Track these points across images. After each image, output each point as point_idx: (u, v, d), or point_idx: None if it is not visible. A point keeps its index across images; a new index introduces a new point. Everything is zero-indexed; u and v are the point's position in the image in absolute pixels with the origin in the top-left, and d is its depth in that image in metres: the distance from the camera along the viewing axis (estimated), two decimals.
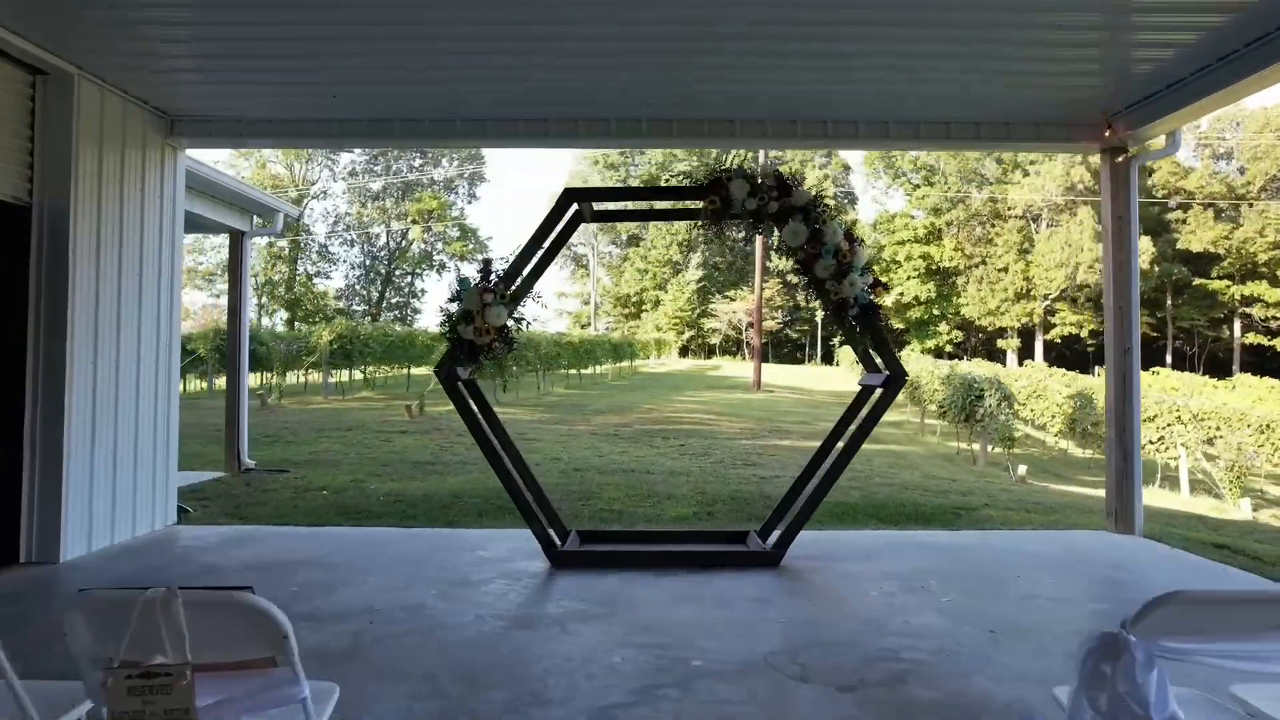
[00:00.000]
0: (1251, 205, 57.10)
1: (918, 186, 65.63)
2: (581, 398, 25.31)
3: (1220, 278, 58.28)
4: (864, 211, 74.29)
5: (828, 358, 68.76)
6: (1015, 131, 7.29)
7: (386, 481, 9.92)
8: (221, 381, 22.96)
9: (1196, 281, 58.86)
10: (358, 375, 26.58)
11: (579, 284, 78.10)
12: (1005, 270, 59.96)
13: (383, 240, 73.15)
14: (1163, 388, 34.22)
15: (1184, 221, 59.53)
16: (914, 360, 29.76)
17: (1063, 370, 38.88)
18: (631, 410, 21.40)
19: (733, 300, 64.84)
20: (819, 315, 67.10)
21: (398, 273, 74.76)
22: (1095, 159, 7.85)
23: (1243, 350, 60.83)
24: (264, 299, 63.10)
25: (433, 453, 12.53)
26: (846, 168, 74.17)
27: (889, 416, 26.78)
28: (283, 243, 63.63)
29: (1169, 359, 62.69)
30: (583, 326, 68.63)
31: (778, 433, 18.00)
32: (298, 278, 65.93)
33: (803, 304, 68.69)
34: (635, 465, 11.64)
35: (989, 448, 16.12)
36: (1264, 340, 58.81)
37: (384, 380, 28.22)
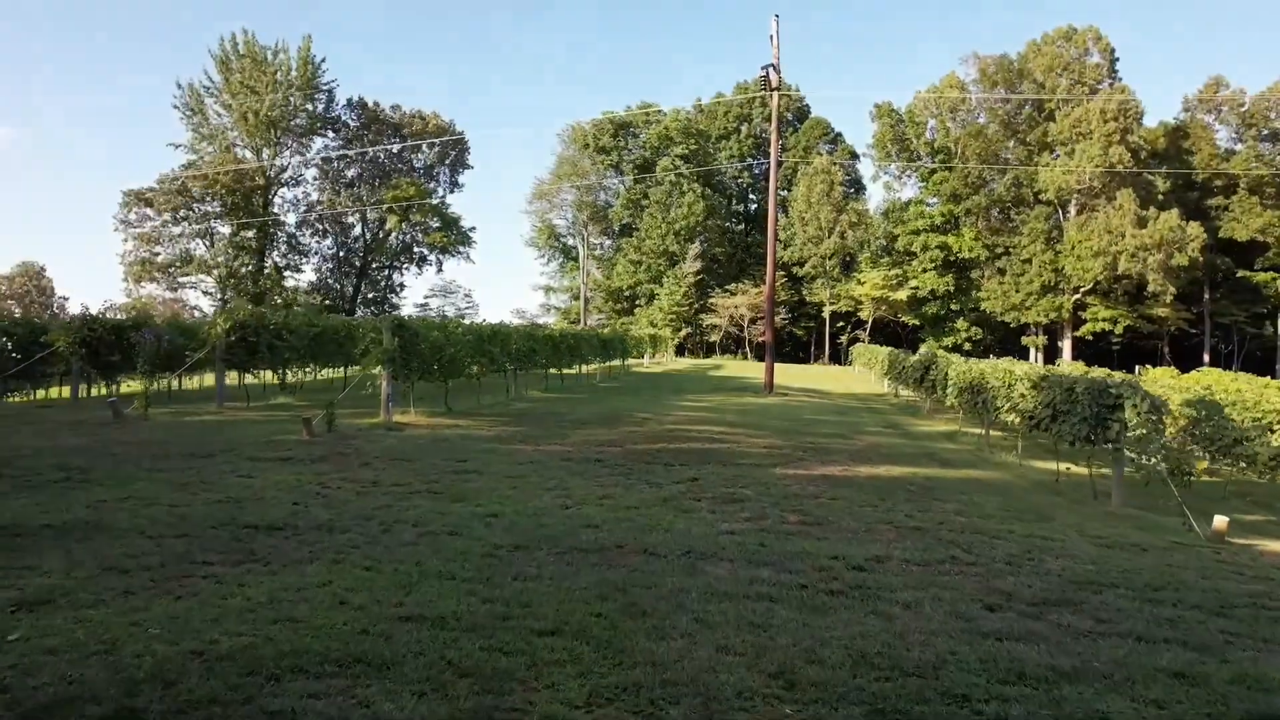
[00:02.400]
0: None
1: (934, 171, 60.90)
2: (560, 404, 20.40)
3: (1266, 269, 53.67)
4: (873, 200, 69.69)
5: (835, 356, 64.01)
6: None
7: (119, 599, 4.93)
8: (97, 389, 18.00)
9: (1240, 273, 54.29)
10: (294, 377, 21.68)
11: (568, 277, 73.24)
12: (1030, 261, 55.23)
13: (357, 230, 68.09)
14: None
15: (1226, 208, 54.91)
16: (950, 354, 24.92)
17: (1171, 370, 34.26)
18: (621, 420, 16.52)
19: (733, 294, 60.07)
20: (826, 311, 62.66)
21: (374, 265, 69.79)
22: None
23: None
24: (228, 292, 58.04)
25: (299, 501, 7.64)
26: (854, 155, 69.38)
27: (933, 426, 22.06)
28: (249, 233, 58.61)
29: (1205, 357, 58.10)
30: (572, 323, 63.70)
31: (819, 454, 13.21)
32: (265, 270, 60.84)
33: (809, 299, 63.95)
34: (623, 533, 6.76)
35: (1121, 479, 11.34)
36: None
37: (318, 383, 23.31)
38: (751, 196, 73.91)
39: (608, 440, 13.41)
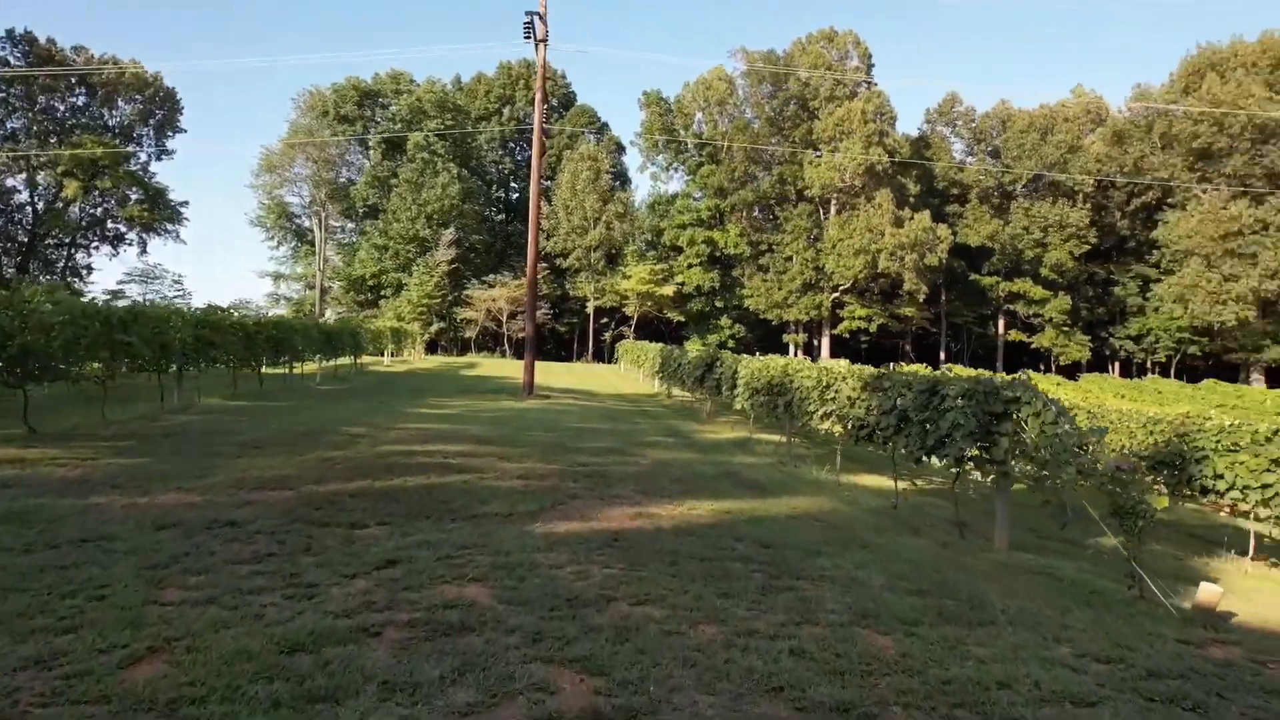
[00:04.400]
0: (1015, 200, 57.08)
1: (701, 164, 59.86)
2: (242, 416, 14.76)
3: (991, 274, 57.91)
4: (640, 192, 67.86)
5: (599, 354, 61.18)
6: None
7: None
8: None
9: (972, 277, 58.18)
10: None
11: (302, 264, 64.31)
12: (792, 259, 55.60)
13: (23, 197, 55.17)
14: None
15: (961, 215, 58.66)
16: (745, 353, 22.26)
17: (924, 366, 34.00)
18: (319, 441, 11.47)
19: (492, 286, 55.25)
20: (591, 306, 59.57)
21: (49, 243, 57.09)
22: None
23: (1005, 348, 61.27)
24: None
25: None
26: (620, 146, 67.06)
27: (720, 433, 18.95)
28: None
29: (942, 354, 61.98)
30: (305, 315, 55.56)
31: (597, 484, 9.27)
32: None
33: (572, 293, 60.58)
34: None
35: (1007, 512, 8.35)
36: (1024, 337, 59.33)
37: None
38: (514, 184, 69.38)
39: (277, 478, 8.46)
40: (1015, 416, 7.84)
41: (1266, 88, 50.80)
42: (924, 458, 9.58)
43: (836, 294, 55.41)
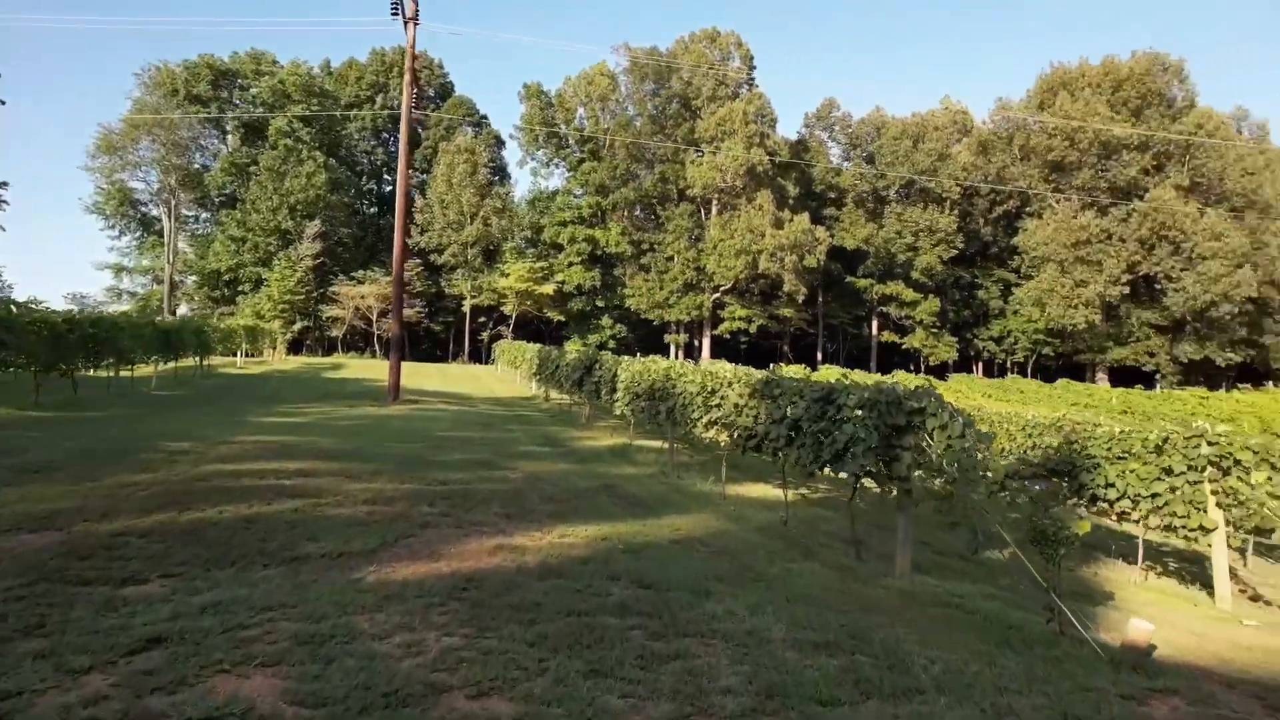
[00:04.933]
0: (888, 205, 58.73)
1: (582, 160, 58.70)
2: (33, 429, 12.58)
3: (866, 276, 59.40)
4: (520, 188, 66.05)
5: (476, 355, 59.10)
6: None
7: None
8: None
9: (848, 279, 59.49)
10: None
11: (148, 256, 59.06)
12: (673, 259, 55.27)
13: None
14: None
15: (838, 219, 59.91)
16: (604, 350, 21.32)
17: (803, 368, 33.84)
18: (129, 459, 9.68)
19: (361, 283, 52.32)
20: (467, 305, 57.33)
21: None
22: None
23: (878, 349, 63.05)
24: None
25: None
26: (500, 140, 65.07)
27: (599, 439, 17.89)
28: None
29: (819, 355, 63.18)
30: (153, 311, 50.96)
31: (455, 508, 8.06)
32: None
33: (448, 291, 58.23)
34: None
35: (910, 534, 7.63)
36: (896, 338, 61.20)
37: None
38: (386, 176, 66.18)
39: (46, 514, 6.80)
40: (919, 429, 7.11)
41: (1109, 107, 54.23)
42: (819, 471, 8.83)
43: (717, 294, 55.49)
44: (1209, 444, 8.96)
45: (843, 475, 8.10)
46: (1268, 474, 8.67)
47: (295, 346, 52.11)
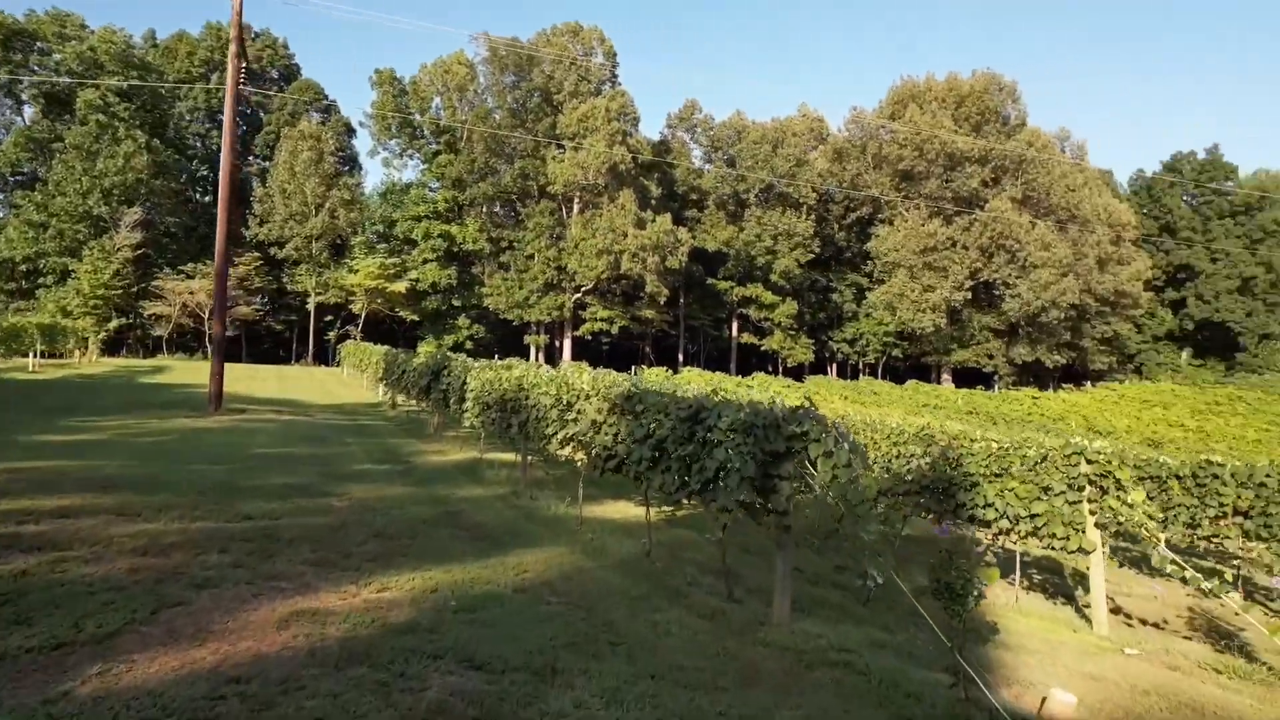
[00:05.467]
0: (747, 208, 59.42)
1: (438, 153, 56.06)
2: None
3: (726, 278, 59.85)
4: (372, 179, 62.49)
5: (323, 356, 55.34)
6: None
7: None
8: None
9: (709, 281, 59.74)
10: None
11: None
12: (534, 257, 53.69)
13: None
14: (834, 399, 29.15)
15: (700, 221, 60.08)
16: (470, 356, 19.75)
17: (664, 370, 33.15)
18: None
19: (191, 277, 47.72)
20: (312, 302, 53.54)
21: None
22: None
23: (738, 350, 63.77)
24: None
25: None
26: (350, 128, 61.32)
27: (446, 454, 16.29)
28: None
29: (680, 356, 63.19)
30: None
31: (252, 554, 6.47)
32: None
33: (291, 287, 54.21)
34: None
35: (788, 574, 6.64)
36: (755, 340, 62.07)
37: None
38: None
39: None
40: (801, 455, 6.13)
41: (954, 121, 57.12)
42: (686, 501, 7.78)
43: (579, 295, 54.35)
44: (1088, 461, 8.53)
45: (720, 518, 7.04)
46: (1144, 495, 8.34)
47: (113, 347, 46.79)
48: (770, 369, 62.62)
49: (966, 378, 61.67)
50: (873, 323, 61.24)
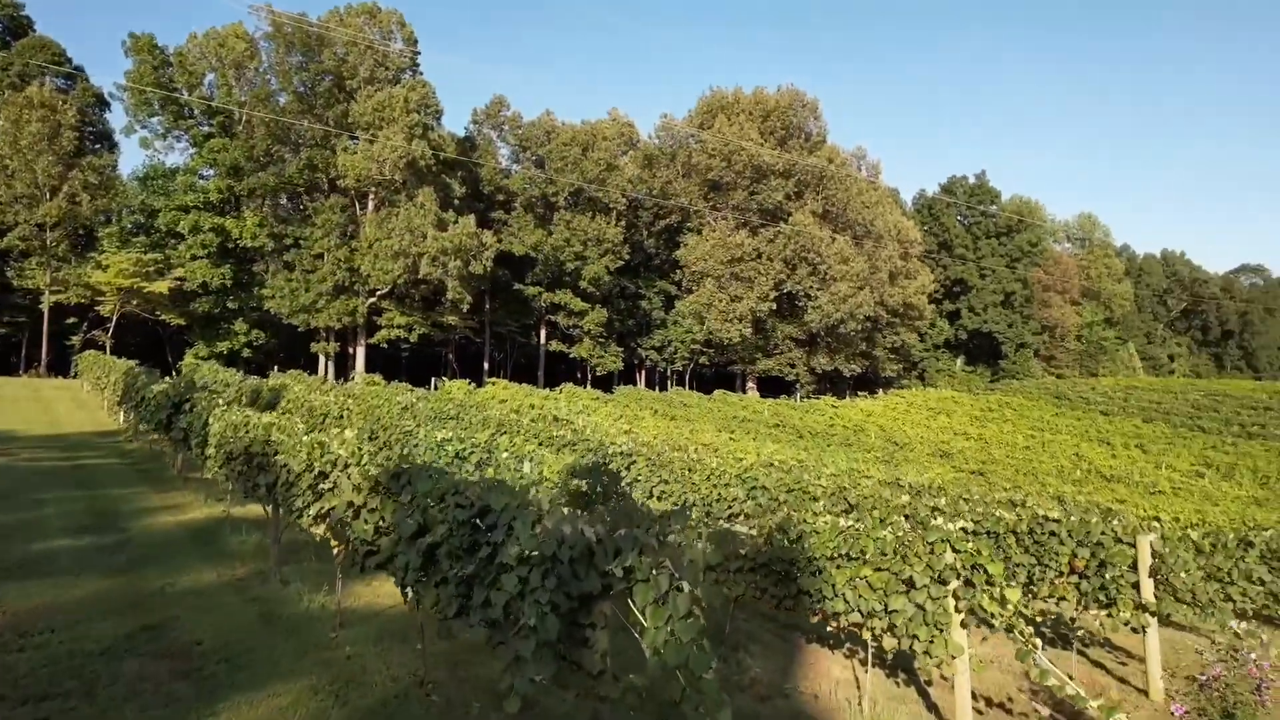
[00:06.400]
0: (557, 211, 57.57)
1: (211, 135, 49.63)
2: None
3: (535, 284, 57.65)
4: (129, 160, 54.38)
5: (62, 366, 47.17)
6: None
7: None
8: None
9: (516, 286, 57.22)
10: None
11: None
12: (323, 257, 48.77)
13: None
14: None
15: (506, 223, 57.43)
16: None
17: (467, 383, 30.33)
18: None
19: None
20: (47, 303, 45.38)
21: None
22: None
23: (546, 358, 61.72)
24: None
25: None
26: (102, 101, 53.01)
27: (186, 510, 12.93)
28: None
29: (486, 365, 60.19)
30: None
31: None
32: None
33: (18, 284, 45.88)
34: None
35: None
36: (564, 348, 60.32)
37: None
38: None
39: None
40: (625, 596, 4.10)
41: (760, 134, 58.33)
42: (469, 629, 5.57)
43: (374, 299, 50.01)
44: (954, 550, 7.08)
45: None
46: (1019, 594, 7.05)
47: None
48: (579, 377, 61.10)
49: (770, 385, 63.22)
50: (680, 330, 61.32)
